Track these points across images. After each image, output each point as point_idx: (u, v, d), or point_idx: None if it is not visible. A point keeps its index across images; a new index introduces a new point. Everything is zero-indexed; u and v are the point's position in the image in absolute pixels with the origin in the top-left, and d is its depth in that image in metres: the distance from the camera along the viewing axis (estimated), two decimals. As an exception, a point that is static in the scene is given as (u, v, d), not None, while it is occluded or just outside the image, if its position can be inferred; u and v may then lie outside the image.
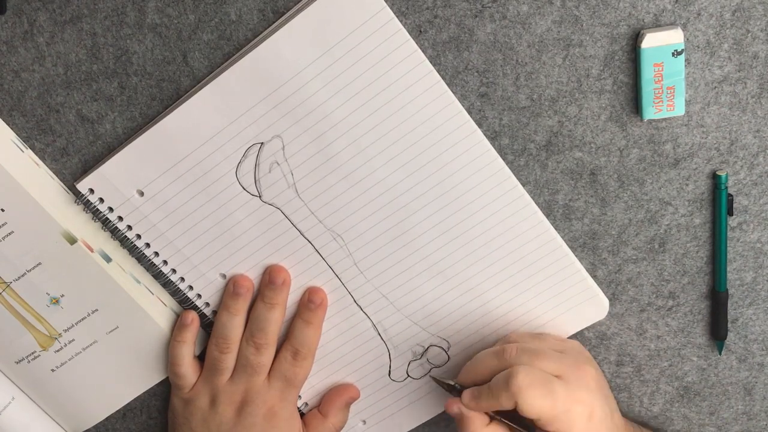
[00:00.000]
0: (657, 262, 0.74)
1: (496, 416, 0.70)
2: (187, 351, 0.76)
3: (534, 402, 0.66)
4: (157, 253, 0.74)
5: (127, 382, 0.79)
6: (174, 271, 0.75)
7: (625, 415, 0.79)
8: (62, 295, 0.75)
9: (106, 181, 0.72)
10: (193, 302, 0.76)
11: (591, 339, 0.77)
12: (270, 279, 0.74)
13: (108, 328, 0.76)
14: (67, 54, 0.69)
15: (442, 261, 0.74)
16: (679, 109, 0.68)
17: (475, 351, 0.76)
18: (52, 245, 0.73)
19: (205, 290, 0.76)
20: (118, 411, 0.81)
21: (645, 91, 0.68)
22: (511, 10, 0.67)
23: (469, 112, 0.69)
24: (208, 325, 0.77)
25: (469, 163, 0.70)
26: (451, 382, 0.72)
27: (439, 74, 0.68)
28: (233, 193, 0.72)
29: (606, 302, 0.75)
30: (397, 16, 0.66)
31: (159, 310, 0.76)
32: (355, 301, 0.76)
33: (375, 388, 0.79)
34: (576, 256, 0.74)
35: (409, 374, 0.79)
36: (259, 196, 0.72)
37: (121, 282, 0.74)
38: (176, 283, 0.76)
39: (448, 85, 0.68)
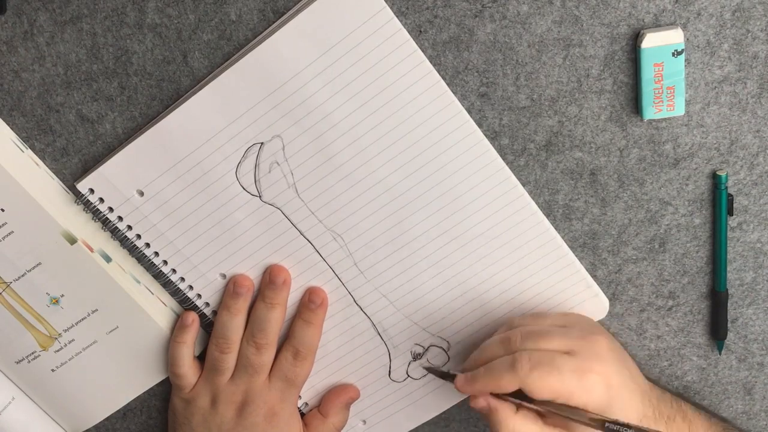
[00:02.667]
0: (657, 262, 0.74)
1: (520, 403, 0.68)
2: (188, 351, 0.76)
3: (541, 383, 0.65)
4: (157, 253, 0.74)
5: (127, 382, 0.79)
6: (174, 271, 0.75)
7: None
8: (62, 295, 0.75)
9: (106, 181, 0.72)
10: (193, 302, 0.76)
11: (591, 339, 0.77)
12: (270, 279, 0.74)
13: (108, 328, 0.76)
14: (67, 54, 0.69)
15: (442, 261, 0.74)
16: (679, 109, 0.68)
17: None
18: (52, 245, 0.73)
19: (205, 290, 0.76)
20: (118, 411, 0.81)
21: (645, 91, 0.68)
22: (511, 10, 0.67)
23: (469, 112, 0.69)
24: (208, 325, 0.77)
25: (469, 163, 0.70)
26: (445, 370, 0.73)
27: (439, 74, 0.68)
28: (233, 193, 0.72)
29: (606, 302, 0.75)
30: (397, 16, 0.66)
31: (159, 310, 0.76)
32: (355, 301, 0.76)
33: (375, 388, 0.79)
34: (576, 256, 0.74)
35: (409, 374, 0.79)
36: (259, 196, 0.72)
37: (121, 282, 0.74)
38: (176, 283, 0.76)
39: (448, 85, 0.68)
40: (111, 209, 0.73)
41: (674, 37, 0.66)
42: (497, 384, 0.66)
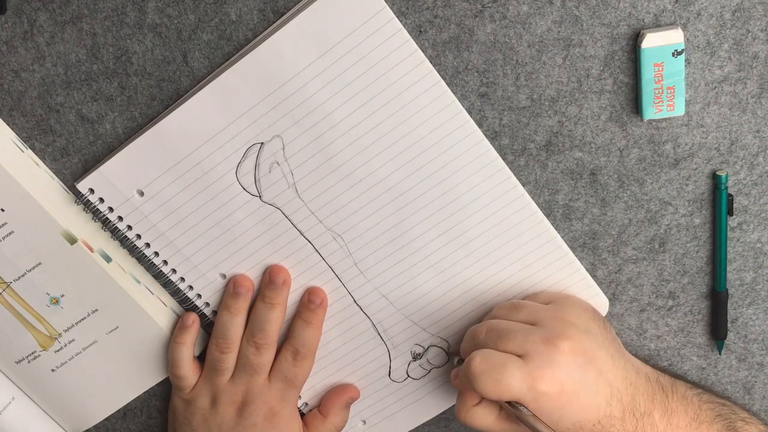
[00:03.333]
0: (657, 262, 0.74)
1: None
2: (188, 352, 0.76)
3: (488, 388, 0.66)
4: (157, 253, 0.74)
5: (127, 382, 0.79)
6: (174, 271, 0.75)
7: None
8: (62, 295, 0.75)
9: (106, 181, 0.72)
10: (193, 302, 0.76)
11: (591, 339, 0.77)
12: (270, 279, 0.74)
13: (108, 328, 0.76)
14: (67, 54, 0.69)
15: (442, 261, 0.74)
16: (679, 109, 0.68)
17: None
18: (52, 245, 0.73)
19: (205, 290, 0.76)
20: (118, 411, 0.81)
21: (645, 91, 0.68)
22: (511, 10, 0.67)
23: (469, 112, 0.69)
24: (208, 325, 0.77)
25: (469, 163, 0.70)
26: (457, 357, 0.76)
27: (439, 74, 0.68)
28: (233, 194, 0.72)
29: (606, 302, 0.75)
30: (397, 16, 0.66)
31: (159, 310, 0.76)
32: (355, 301, 0.76)
33: (375, 388, 0.79)
34: (576, 256, 0.74)
35: (409, 374, 0.79)
36: (259, 196, 0.72)
37: (121, 282, 0.74)
38: (176, 283, 0.76)
39: (448, 85, 0.68)
40: (111, 209, 0.73)
41: (674, 37, 0.66)
42: (461, 385, 0.70)
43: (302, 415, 0.80)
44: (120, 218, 0.73)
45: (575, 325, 0.69)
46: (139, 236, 0.74)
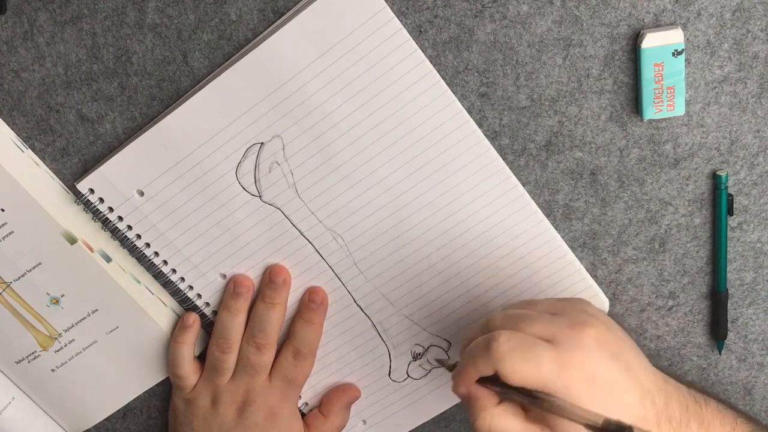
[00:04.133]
0: (657, 262, 0.74)
1: (506, 394, 0.61)
2: (188, 352, 0.76)
3: (516, 367, 0.58)
4: (157, 253, 0.74)
5: (127, 382, 0.79)
6: (174, 271, 0.75)
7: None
8: (62, 295, 0.75)
9: (106, 181, 0.72)
10: (193, 302, 0.76)
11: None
12: (270, 279, 0.74)
13: (108, 328, 0.76)
14: (67, 54, 0.69)
15: (442, 261, 0.74)
16: (679, 109, 0.68)
17: (475, 351, 0.77)
18: (52, 245, 0.73)
19: (205, 290, 0.76)
20: (118, 411, 0.81)
21: (645, 91, 0.68)
22: (511, 10, 0.67)
23: (469, 112, 0.69)
24: (208, 325, 0.77)
25: (469, 163, 0.70)
26: (452, 362, 0.69)
27: (439, 74, 0.68)
28: (233, 193, 0.72)
29: (606, 302, 0.75)
30: (397, 16, 0.66)
31: (159, 310, 0.76)
32: (355, 301, 0.76)
33: (375, 388, 0.79)
34: (576, 256, 0.74)
35: (409, 374, 0.79)
36: (259, 196, 0.72)
37: (121, 282, 0.74)
38: (176, 283, 0.76)
39: (448, 85, 0.68)
40: (111, 209, 0.73)
41: (674, 37, 0.66)
42: (474, 365, 0.61)
43: (303, 415, 0.80)
44: (120, 218, 0.73)
45: (597, 317, 0.63)
46: (139, 236, 0.74)
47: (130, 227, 0.73)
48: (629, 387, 0.61)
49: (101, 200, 0.72)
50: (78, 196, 0.72)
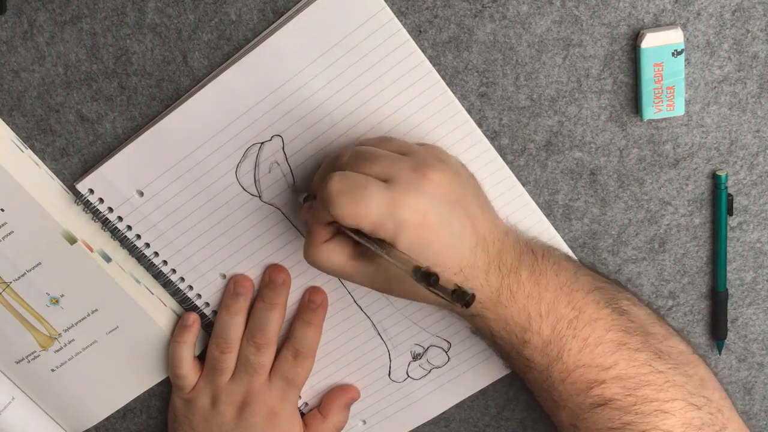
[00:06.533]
0: (657, 262, 0.74)
1: (343, 229, 0.62)
2: (188, 352, 0.76)
3: (344, 210, 0.59)
4: (157, 253, 0.74)
5: (127, 382, 0.79)
6: (174, 271, 0.75)
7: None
8: (62, 295, 0.75)
9: (106, 181, 0.72)
10: (193, 302, 0.76)
11: (591, 339, 0.77)
12: (270, 279, 0.74)
13: (108, 328, 0.76)
14: (67, 54, 0.69)
15: (442, 261, 0.74)
16: (679, 109, 0.68)
17: (476, 352, 0.77)
18: (52, 245, 0.73)
19: (205, 290, 0.76)
20: (118, 411, 0.81)
21: (645, 91, 0.68)
22: (511, 10, 0.67)
23: (469, 112, 0.69)
24: (208, 325, 0.77)
25: (469, 162, 0.70)
26: (305, 194, 0.69)
27: (439, 74, 0.68)
28: (233, 193, 0.72)
29: (606, 302, 0.75)
30: (397, 16, 0.66)
31: (159, 310, 0.76)
32: (355, 301, 0.76)
33: (375, 388, 0.79)
34: (576, 256, 0.74)
35: (409, 374, 0.79)
36: (259, 196, 0.72)
37: (121, 282, 0.74)
38: (176, 283, 0.76)
39: (448, 85, 0.68)
40: (111, 209, 0.73)
41: (674, 37, 0.66)
42: (312, 217, 0.62)
43: (302, 415, 0.80)
44: (120, 218, 0.73)
45: (446, 162, 0.64)
46: (138, 236, 0.74)
47: (129, 227, 0.73)
48: (462, 234, 0.61)
49: (101, 200, 0.72)
50: (78, 197, 0.72)
